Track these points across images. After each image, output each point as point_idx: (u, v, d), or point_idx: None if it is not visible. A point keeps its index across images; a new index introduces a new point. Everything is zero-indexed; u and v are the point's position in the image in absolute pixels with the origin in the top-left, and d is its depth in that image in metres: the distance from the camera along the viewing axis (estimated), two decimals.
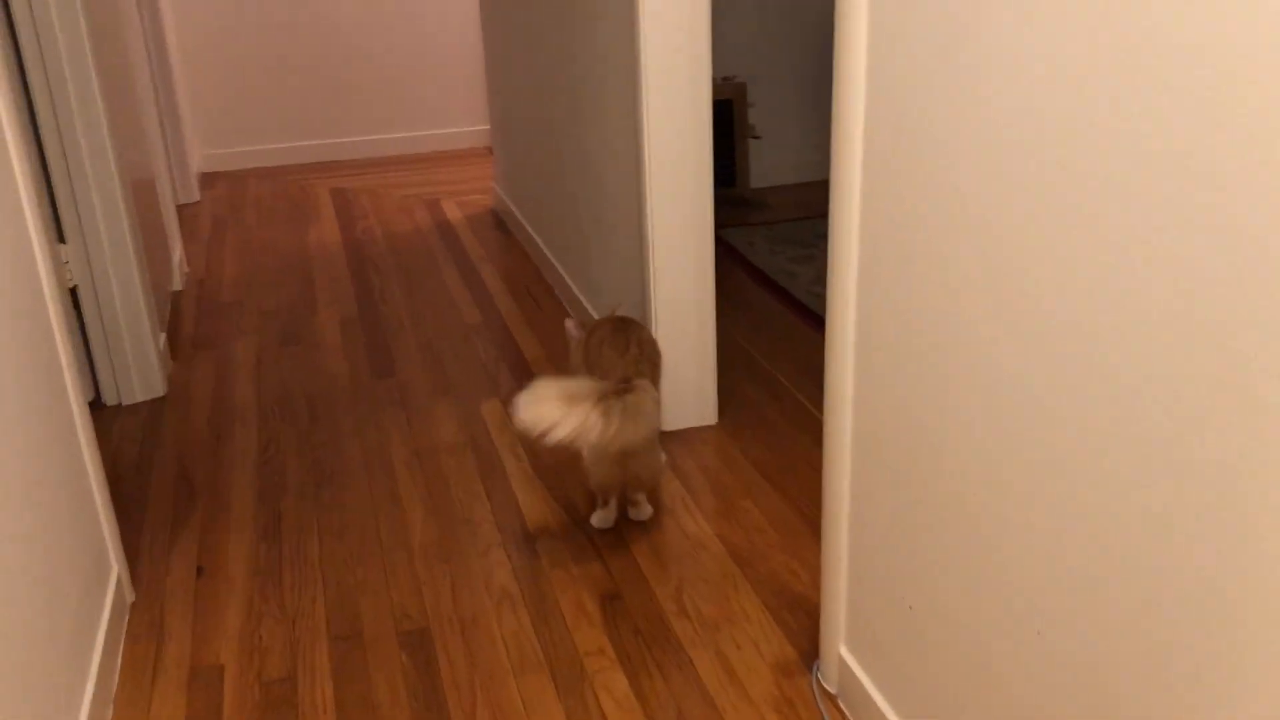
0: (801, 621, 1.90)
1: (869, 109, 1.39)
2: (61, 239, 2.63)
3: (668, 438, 2.51)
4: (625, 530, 2.17)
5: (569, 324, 2.34)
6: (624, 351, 2.15)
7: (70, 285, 2.66)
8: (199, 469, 2.47)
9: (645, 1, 2.21)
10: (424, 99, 5.25)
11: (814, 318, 3.13)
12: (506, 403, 2.72)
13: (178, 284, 3.58)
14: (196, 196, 4.62)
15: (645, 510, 2.20)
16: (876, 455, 1.52)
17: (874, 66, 1.37)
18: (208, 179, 4.99)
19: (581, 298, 3.12)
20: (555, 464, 2.41)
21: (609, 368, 2.14)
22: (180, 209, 4.47)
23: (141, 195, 3.09)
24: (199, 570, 2.11)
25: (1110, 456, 1.05)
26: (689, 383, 2.52)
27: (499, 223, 4.20)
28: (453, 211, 4.37)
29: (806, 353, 2.92)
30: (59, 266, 2.62)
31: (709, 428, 2.55)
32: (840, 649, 1.70)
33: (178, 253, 3.66)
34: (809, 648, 1.84)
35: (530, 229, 3.76)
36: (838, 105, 1.44)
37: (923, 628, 1.46)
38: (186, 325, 3.29)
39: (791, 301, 3.27)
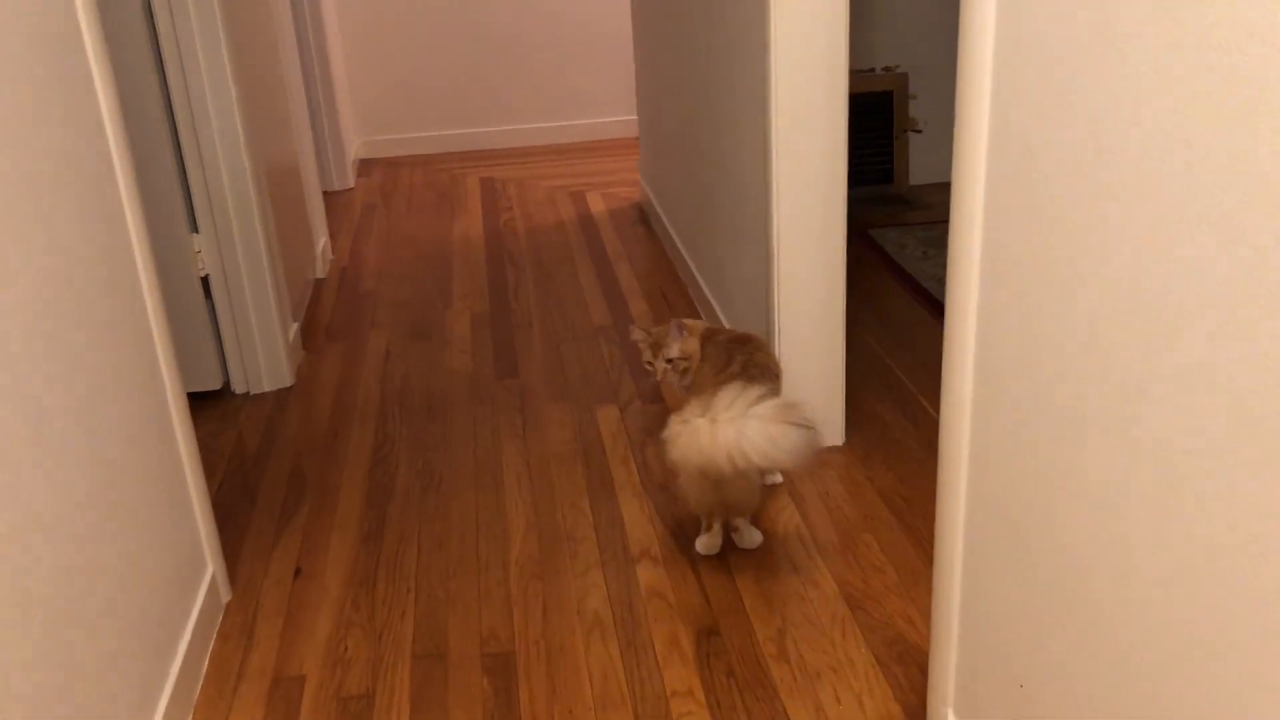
0: (912, 677, 1.72)
1: (994, 125, 1.21)
2: (195, 228, 2.66)
3: None
4: (732, 559, 2.03)
5: (635, 333, 2.22)
6: (721, 370, 2.01)
7: (202, 274, 2.70)
8: (313, 465, 2.46)
9: None
10: (578, 88, 5.19)
11: None
12: (624, 410, 2.62)
13: (320, 272, 3.62)
14: (351, 183, 4.69)
15: (751, 537, 2.06)
16: (994, 515, 1.33)
17: (1000, 77, 1.19)
18: (365, 166, 5.07)
19: (712, 300, 2.98)
20: (666, 480, 2.29)
21: (701, 385, 2.01)
22: (333, 196, 4.54)
23: (282, 183, 3.12)
24: (297, 571, 2.08)
25: (1268, 537, 0.85)
26: (814, 400, 2.35)
27: (642, 217, 4.10)
28: (597, 204, 4.29)
29: None
30: (190, 256, 2.66)
31: (835, 449, 2.38)
32: (948, 716, 1.52)
33: (322, 241, 3.70)
34: (917, 706, 1.66)
35: (669, 225, 3.64)
36: (959, 132, 1.27)
37: (1033, 711, 1.27)
38: (323, 314, 3.32)
39: (941, 312, 3.05)
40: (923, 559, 2.00)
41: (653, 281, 3.45)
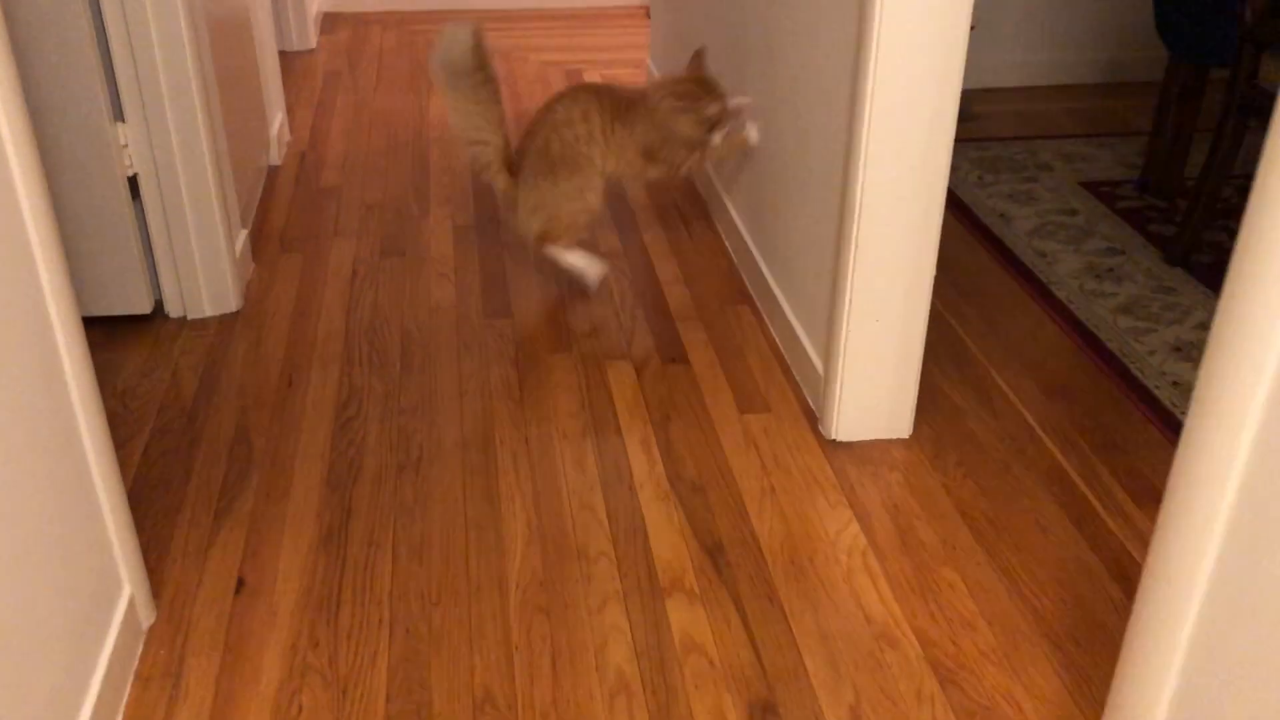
0: None
1: None
2: (120, 115, 2.14)
3: (842, 449, 1.94)
4: (787, 600, 1.63)
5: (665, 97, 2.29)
6: None
7: (129, 173, 2.18)
8: (262, 426, 2.01)
9: None
10: None
11: (1035, 283, 2.47)
12: (641, 369, 2.18)
13: (275, 158, 3.08)
14: (313, 43, 4.09)
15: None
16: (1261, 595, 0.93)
17: None
18: (330, 21, 4.44)
19: (742, 227, 2.52)
20: (698, 474, 1.88)
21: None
22: (291, 58, 3.96)
23: (231, 51, 2.57)
24: (239, 583, 1.66)
25: None
26: (883, 379, 1.93)
27: None
28: None
29: (1024, 334, 2.29)
30: (114, 150, 2.14)
31: (899, 442, 1.97)
32: None
33: (278, 119, 3.15)
34: None
35: None
36: None
37: None
38: (276, 216, 2.81)
39: (1005, 255, 2.61)
40: (1022, 610, 1.62)
41: (665, 193, 2.97)
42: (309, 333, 2.30)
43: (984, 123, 3.40)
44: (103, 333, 2.27)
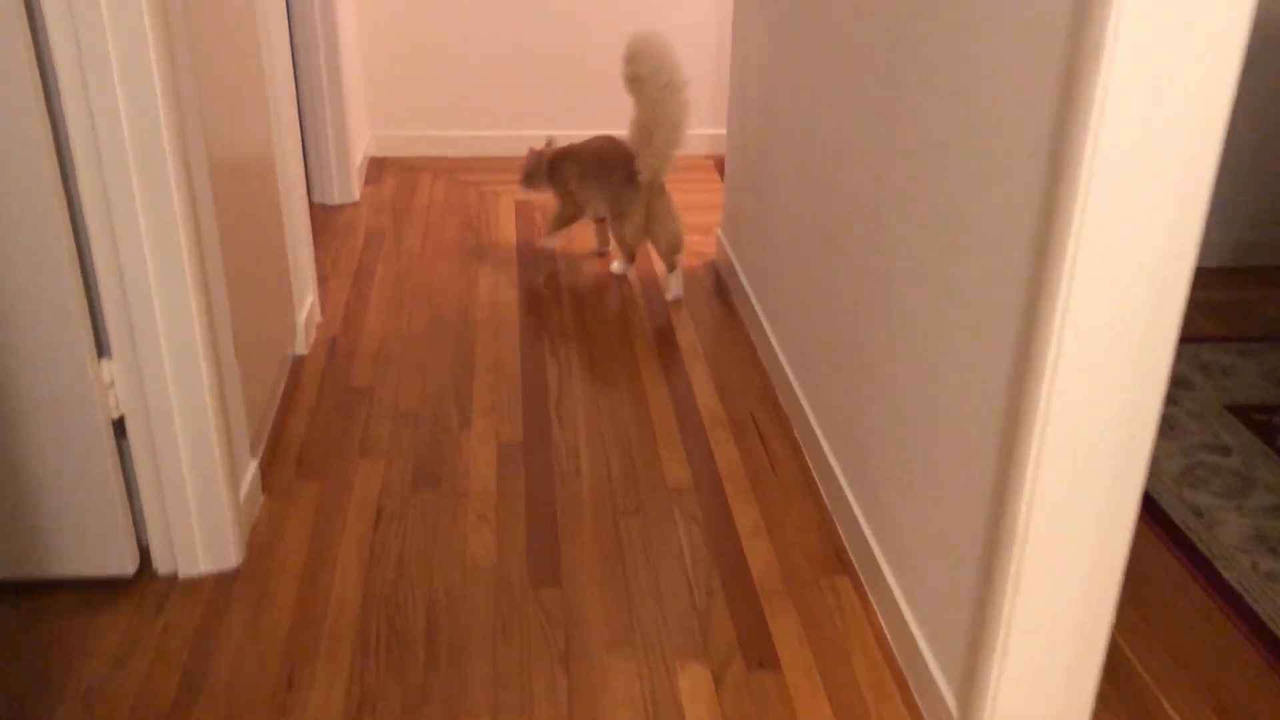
0: None
1: None
2: (105, 351, 1.80)
3: None
4: None
5: None
6: None
7: (114, 415, 1.84)
8: None
9: None
10: None
11: (1194, 555, 2.03)
12: (719, 676, 1.77)
13: (301, 347, 2.75)
14: (355, 196, 3.79)
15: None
16: None
17: None
18: (375, 168, 4.16)
19: (833, 461, 2.12)
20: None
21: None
22: (331, 213, 3.66)
23: (252, 236, 2.24)
24: None
25: None
26: None
27: (719, 287, 3.21)
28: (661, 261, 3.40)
29: (1190, 633, 1.84)
30: (100, 392, 1.79)
31: None
32: None
33: (308, 303, 2.82)
34: None
35: (764, 319, 2.76)
36: None
37: None
38: (296, 425, 2.45)
39: (1151, 509, 2.17)
40: None
41: (740, 400, 2.58)
42: (319, 601, 1.92)
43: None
44: (77, 599, 1.90)
